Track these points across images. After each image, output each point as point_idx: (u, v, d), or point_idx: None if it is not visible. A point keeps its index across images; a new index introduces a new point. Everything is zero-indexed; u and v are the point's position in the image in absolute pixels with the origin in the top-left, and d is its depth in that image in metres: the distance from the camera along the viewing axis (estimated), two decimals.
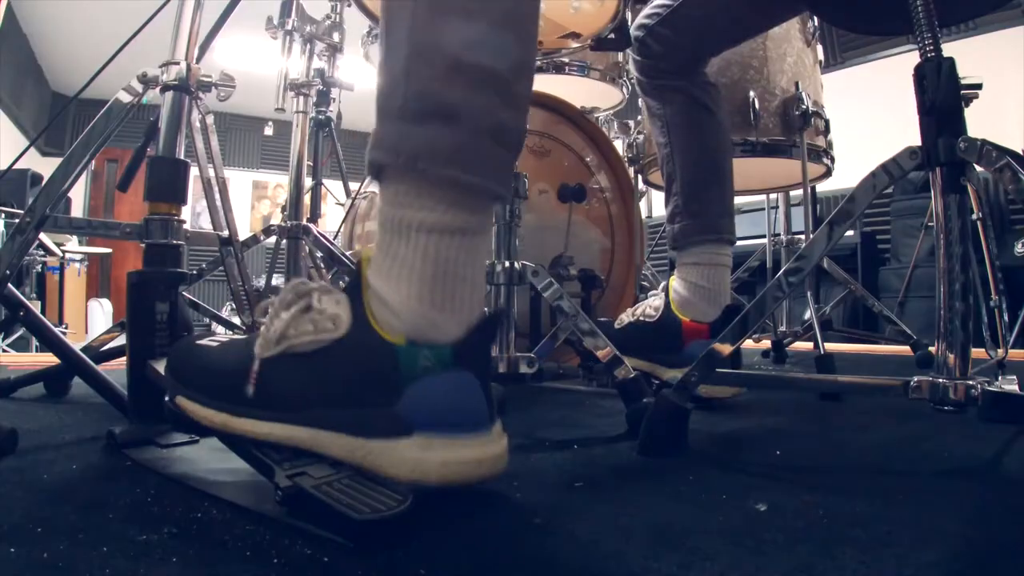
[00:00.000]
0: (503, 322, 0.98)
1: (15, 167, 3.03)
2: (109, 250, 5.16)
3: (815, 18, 1.61)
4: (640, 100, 1.19)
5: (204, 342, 0.60)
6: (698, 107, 1.08)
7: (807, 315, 1.78)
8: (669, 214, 1.11)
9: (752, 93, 1.50)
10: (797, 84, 1.54)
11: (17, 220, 0.82)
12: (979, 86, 1.40)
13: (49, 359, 1.03)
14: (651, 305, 1.11)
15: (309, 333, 0.50)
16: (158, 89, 0.85)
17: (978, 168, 0.64)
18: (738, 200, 1.14)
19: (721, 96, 1.12)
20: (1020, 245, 2.82)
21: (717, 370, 0.72)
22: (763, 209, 2.19)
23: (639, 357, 1.06)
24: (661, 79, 1.09)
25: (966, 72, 0.83)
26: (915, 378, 0.63)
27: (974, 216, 1.51)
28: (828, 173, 1.72)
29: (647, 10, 1.09)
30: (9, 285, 0.79)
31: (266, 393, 0.52)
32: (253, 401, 0.52)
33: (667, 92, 1.09)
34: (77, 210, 5.87)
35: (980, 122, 0.83)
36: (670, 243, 1.11)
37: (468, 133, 0.49)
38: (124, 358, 0.74)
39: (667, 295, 1.08)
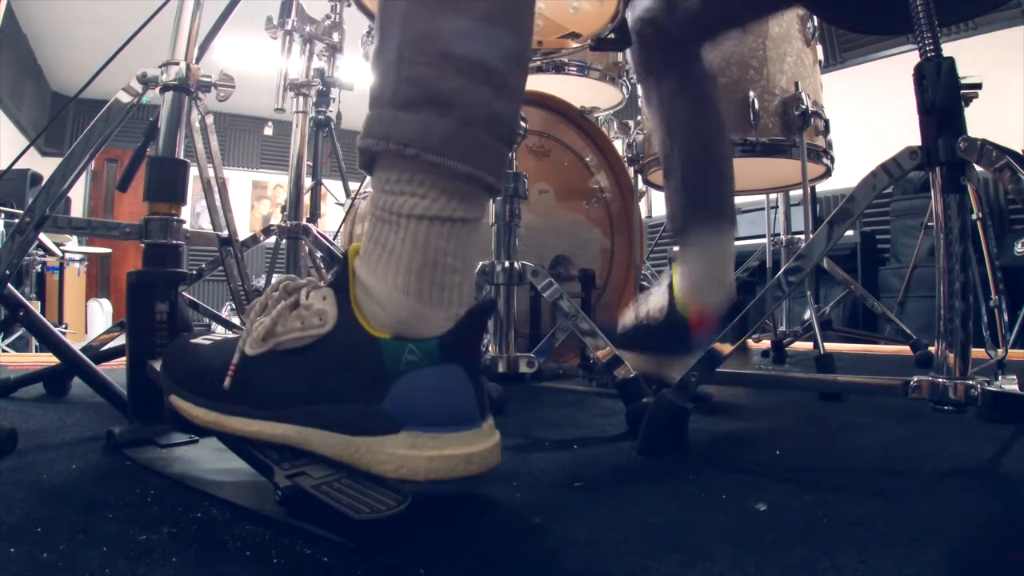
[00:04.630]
0: (493, 314, 0.98)
1: (15, 167, 3.03)
2: (109, 250, 5.16)
3: (815, 18, 1.61)
4: (639, 88, 1.19)
5: (198, 341, 0.60)
6: (695, 92, 1.08)
7: (807, 315, 1.78)
8: (669, 199, 1.10)
9: (752, 93, 1.50)
10: (797, 84, 1.54)
11: (17, 220, 0.82)
12: (979, 86, 1.40)
13: (49, 359, 1.03)
14: (655, 307, 1.10)
15: (296, 330, 0.50)
16: (158, 89, 0.85)
17: (978, 168, 0.64)
18: (738, 200, 1.14)
19: (718, 86, 1.12)
20: (1020, 245, 2.82)
21: (717, 370, 0.72)
22: (763, 209, 2.20)
23: (645, 359, 1.05)
24: (658, 65, 1.09)
25: (966, 72, 0.83)
26: (915, 378, 0.63)
27: (974, 216, 1.51)
28: (828, 173, 1.72)
29: (645, 2, 1.09)
30: (9, 285, 0.79)
31: (255, 391, 0.52)
32: (243, 399, 0.52)
33: (664, 78, 1.10)
34: (77, 210, 5.87)
35: (980, 122, 0.83)
36: (670, 225, 1.10)
37: (460, 122, 0.49)
38: (124, 358, 0.74)
39: (671, 292, 1.08)
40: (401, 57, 0.49)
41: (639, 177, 1.86)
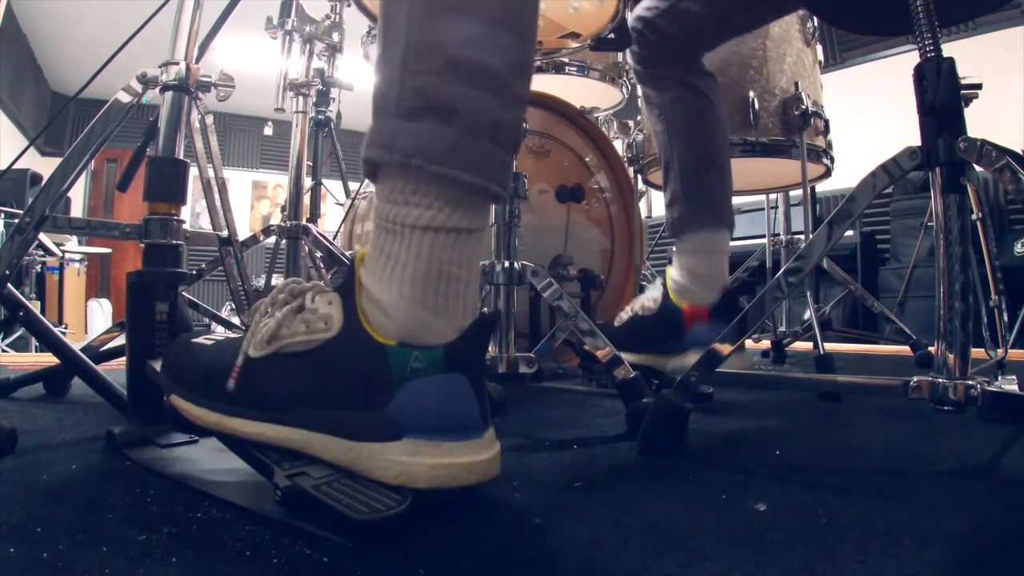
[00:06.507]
0: (498, 325, 0.98)
1: (15, 167, 3.03)
2: (109, 250, 5.16)
3: (815, 18, 1.61)
4: (638, 89, 1.19)
5: (199, 341, 0.60)
6: (695, 94, 1.09)
7: (807, 315, 1.78)
8: (667, 200, 1.11)
9: (752, 93, 1.50)
10: (797, 84, 1.53)
11: (17, 220, 0.82)
12: (979, 86, 1.39)
13: (49, 359, 1.03)
14: (649, 297, 1.11)
15: (301, 333, 0.50)
16: (157, 89, 0.85)
17: (978, 168, 0.64)
18: (738, 200, 1.15)
19: (718, 85, 1.13)
20: (1020, 245, 2.82)
21: (717, 370, 0.72)
22: (763, 209, 2.19)
23: (642, 352, 1.06)
24: (658, 68, 1.10)
25: (966, 72, 0.83)
26: (915, 378, 0.63)
27: (974, 216, 1.50)
28: (828, 173, 1.71)
29: (645, 1, 1.09)
30: (9, 285, 0.79)
31: (258, 393, 0.52)
32: (245, 400, 0.52)
33: (664, 80, 1.10)
34: (77, 210, 5.87)
35: (980, 122, 0.83)
36: (668, 229, 1.11)
37: (464, 131, 0.49)
38: (124, 358, 0.74)
39: (664, 286, 1.09)
40: (405, 66, 0.49)
41: (639, 177, 1.86)
